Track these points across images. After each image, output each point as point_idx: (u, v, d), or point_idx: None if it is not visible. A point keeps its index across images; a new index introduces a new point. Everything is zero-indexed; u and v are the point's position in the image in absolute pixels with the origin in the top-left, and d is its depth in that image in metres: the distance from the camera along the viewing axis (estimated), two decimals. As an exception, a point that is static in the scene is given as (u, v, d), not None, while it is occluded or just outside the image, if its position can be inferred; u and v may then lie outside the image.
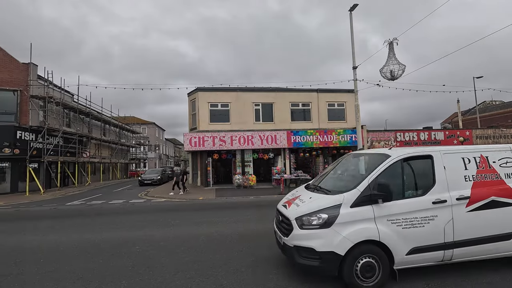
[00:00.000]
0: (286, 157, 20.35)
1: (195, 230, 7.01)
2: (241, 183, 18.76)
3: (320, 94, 22.19)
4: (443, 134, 22.02)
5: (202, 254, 5.22)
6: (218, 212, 9.71)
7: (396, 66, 12.90)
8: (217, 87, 21.20)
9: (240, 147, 19.48)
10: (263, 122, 21.40)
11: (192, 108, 21.67)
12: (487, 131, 23.06)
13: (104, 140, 28.34)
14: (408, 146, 21.29)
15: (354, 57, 16.97)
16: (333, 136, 20.45)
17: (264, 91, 21.78)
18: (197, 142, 19.01)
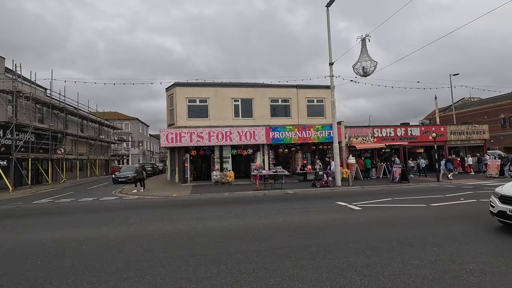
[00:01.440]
0: (265, 153, 20.33)
1: (152, 228, 6.86)
2: (218, 180, 18.62)
3: (300, 90, 22.21)
4: (419, 130, 22.51)
5: (149, 253, 5.09)
6: (185, 209, 9.56)
7: (368, 62, 13.00)
8: (195, 82, 20.89)
9: (218, 143, 19.32)
10: (242, 118, 21.26)
11: (170, 104, 21.29)
12: (460, 127, 23.74)
13: (81, 136, 27.53)
14: (385, 141, 21.69)
15: (330, 53, 17.02)
16: (312, 132, 20.56)
17: (244, 86, 21.61)
18: (174, 138, 18.72)
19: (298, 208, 8.96)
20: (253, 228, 6.58)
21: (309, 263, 4.43)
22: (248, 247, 5.28)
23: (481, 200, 9.53)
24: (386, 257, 4.58)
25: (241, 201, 11.36)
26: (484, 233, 5.72)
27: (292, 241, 5.57)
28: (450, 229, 6.10)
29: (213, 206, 10.16)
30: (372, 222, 6.93)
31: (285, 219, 7.43)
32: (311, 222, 7.08)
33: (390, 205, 9.15)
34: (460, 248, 4.91)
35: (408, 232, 5.92)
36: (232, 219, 7.57)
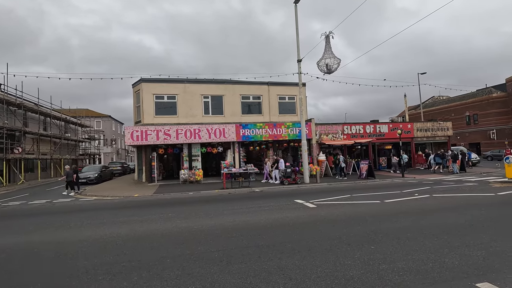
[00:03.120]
0: (236, 151, 20.04)
1: (89, 233, 6.39)
2: (187, 178, 18.13)
3: (271, 87, 22.07)
4: (387, 127, 23.05)
5: (70, 261, 4.67)
6: (137, 211, 9.09)
7: (331, 59, 13.00)
8: (163, 78, 20.16)
9: (187, 141, 18.79)
10: (213, 115, 20.83)
11: (136, 100, 20.47)
12: (426, 124, 24.57)
13: (43, 134, 25.96)
14: (354, 138, 22.03)
15: (298, 50, 16.94)
16: (283, 130, 20.48)
17: (214, 83, 21.15)
18: (139, 136, 17.98)
19: (254, 207, 8.76)
20: (197, 230, 6.28)
21: (239, 267, 4.20)
22: (183, 251, 4.98)
23: (433, 195, 9.77)
24: (320, 257, 4.44)
25: (202, 201, 11.02)
26: (425, 229, 5.75)
27: (232, 242, 5.33)
28: (395, 225, 6.11)
29: (169, 206, 9.76)
30: (321, 220, 6.84)
31: (234, 219, 7.19)
32: (261, 221, 6.88)
33: (347, 202, 9.16)
34: (397, 245, 4.86)
35: (351, 230, 5.85)
36: (179, 221, 7.23)
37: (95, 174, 19.28)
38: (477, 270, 3.84)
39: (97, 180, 19.12)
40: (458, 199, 8.90)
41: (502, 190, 10.39)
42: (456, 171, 18.86)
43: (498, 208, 7.40)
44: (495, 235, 5.22)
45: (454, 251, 4.53)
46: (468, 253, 4.42)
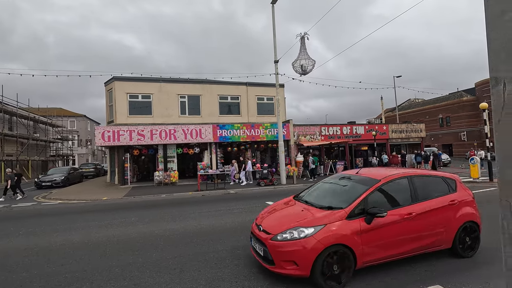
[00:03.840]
0: (213, 152, 19.70)
1: (38, 241, 5.92)
2: (161, 180, 17.60)
3: (250, 88, 21.91)
4: (364, 128, 23.49)
5: (7, 274, 4.25)
6: (99, 215, 8.61)
7: (306, 60, 13.00)
8: (137, 76, 19.51)
9: (162, 141, 18.24)
10: (189, 115, 20.39)
11: (109, 99, 19.67)
12: (401, 126, 25.27)
13: (8, 134, 24.45)
14: (332, 139, 22.27)
15: (275, 51, 16.88)
16: (261, 130, 20.35)
17: (191, 82, 20.72)
18: (111, 137, 17.25)
19: (224, 210, 8.52)
20: (157, 235, 5.97)
21: (192, 275, 3.97)
22: (136, 259, 4.68)
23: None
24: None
25: (172, 203, 10.64)
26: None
27: (191, 248, 5.08)
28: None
29: (136, 210, 9.33)
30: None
31: (199, 223, 6.93)
32: (226, 225, 6.66)
33: (317, 203, 9.10)
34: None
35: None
36: (142, 225, 6.88)
37: (61, 177, 18.25)
38: (430, 273, 3.82)
39: (63, 183, 18.11)
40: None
41: (466, 190, 10.72)
42: (427, 171, 19.47)
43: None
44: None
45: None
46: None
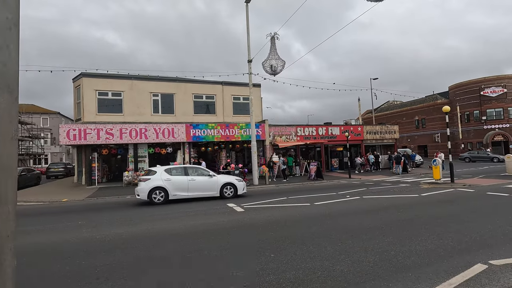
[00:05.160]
0: (186, 152, 19.31)
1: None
2: (131, 181, 17.08)
3: (225, 87, 21.67)
4: (339, 129, 23.77)
5: None
6: (49, 219, 8.16)
7: (276, 61, 12.93)
8: (107, 73, 18.83)
9: (132, 141, 17.69)
10: (162, 114, 19.92)
11: (77, 96, 18.89)
12: (375, 127, 25.77)
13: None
14: (307, 140, 22.38)
15: (249, 50, 16.71)
16: (236, 130, 20.16)
17: (164, 80, 20.24)
18: (76, 135, 16.55)
19: (180, 212, 8.28)
20: (97, 241, 5.66)
21: (113, 285, 3.72)
22: (62, 267, 4.38)
23: (363, 197, 10.02)
24: (206, 271, 4.11)
25: (133, 205, 10.27)
26: (336, 234, 5.68)
27: (127, 254, 4.82)
28: (309, 230, 5.99)
29: (89, 212, 8.92)
30: (239, 226, 6.57)
31: (151, 227, 6.67)
32: (175, 229, 6.44)
33: (278, 205, 9.03)
34: (298, 252, 4.69)
35: (263, 236, 5.62)
36: (85, 230, 6.54)
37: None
38: (361, 278, 3.76)
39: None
40: (383, 201, 9.18)
41: (426, 191, 10.98)
42: (398, 172, 19.92)
43: (413, 210, 7.68)
44: (396, 238, 5.29)
45: (350, 257, 4.46)
46: (362, 259, 4.36)
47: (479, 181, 13.33)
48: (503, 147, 36.46)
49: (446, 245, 4.85)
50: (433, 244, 4.92)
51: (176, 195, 10.28)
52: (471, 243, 4.89)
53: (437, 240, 5.09)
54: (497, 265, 3.96)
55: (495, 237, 5.21)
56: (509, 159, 16.21)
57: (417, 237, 5.29)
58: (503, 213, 7.02)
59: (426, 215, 6.98)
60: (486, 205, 8.02)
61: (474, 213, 7.11)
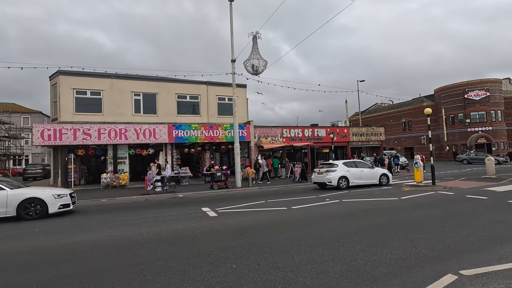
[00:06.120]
0: (168, 153, 18.80)
1: None
2: (109, 183, 16.45)
3: (210, 87, 21.26)
4: (325, 131, 23.66)
5: None
6: (4, 226, 7.59)
7: (257, 60, 12.64)
8: (85, 71, 18.15)
9: (111, 141, 17.08)
10: (144, 114, 19.35)
11: (54, 95, 18.14)
12: (361, 129, 25.80)
13: None
14: (293, 142, 22.18)
15: (233, 50, 16.36)
16: (220, 131, 19.76)
17: (146, 80, 19.68)
18: (51, 136, 15.85)
19: (150, 217, 7.85)
20: (45, 249, 5.20)
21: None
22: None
23: (343, 200, 9.80)
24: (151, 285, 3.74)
25: (104, 210, 9.76)
26: (308, 240, 5.39)
27: (70, 266, 4.39)
28: (280, 236, 5.67)
29: (55, 218, 8.38)
30: (206, 233, 6.19)
31: (111, 234, 6.23)
32: (138, 236, 6.02)
33: (255, 209, 8.69)
34: (262, 262, 4.37)
35: (229, 244, 5.28)
36: (40, 237, 6.05)
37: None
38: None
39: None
40: (363, 204, 8.97)
41: (407, 194, 10.85)
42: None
43: (390, 214, 7.47)
44: (368, 245, 5.03)
45: (316, 267, 4.15)
46: (328, 269, 4.06)
47: (460, 184, 13.33)
48: (486, 150, 37.19)
49: (418, 253, 4.62)
50: (405, 252, 4.67)
51: (354, 182, 13.40)
52: (444, 251, 4.67)
53: (410, 248, 4.85)
54: (467, 276, 3.73)
55: (469, 243, 5.01)
56: (489, 162, 16.35)
57: (390, 244, 5.05)
58: (480, 217, 6.88)
59: (403, 220, 6.78)
60: (464, 209, 7.89)
61: (452, 217, 6.94)
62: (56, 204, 8.49)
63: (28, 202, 8.18)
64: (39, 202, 8.30)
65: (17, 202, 8.03)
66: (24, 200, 8.11)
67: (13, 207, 7.99)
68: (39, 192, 8.53)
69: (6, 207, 7.90)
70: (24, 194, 8.23)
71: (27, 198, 8.17)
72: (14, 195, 8.09)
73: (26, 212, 8.11)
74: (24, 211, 8.07)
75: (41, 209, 8.26)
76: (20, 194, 8.19)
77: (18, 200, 8.05)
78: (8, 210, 7.94)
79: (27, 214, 8.10)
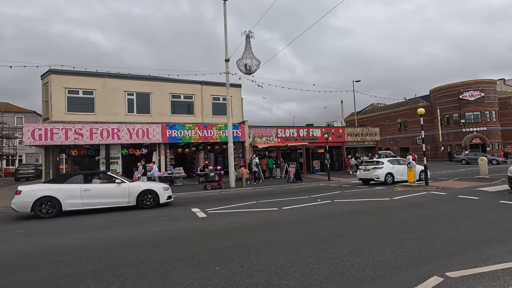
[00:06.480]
0: (162, 153, 18.64)
1: None
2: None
3: (204, 87, 21.12)
4: (320, 131, 23.62)
5: None
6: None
7: (250, 60, 12.55)
8: (77, 70, 17.91)
9: (103, 141, 16.88)
10: (138, 114, 19.16)
11: (45, 94, 17.90)
12: (356, 129, 25.80)
13: None
14: (288, 142, 22.12)
15: (226, 49, 16.25)
16: (214, 131, 19.64)
17: (140, 79, 19.50)
18: (42, 135, 15.62)
19: (134, 219, 7.74)
20: (23, 252, 5.07)
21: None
22: None
23: (334, 201, 9.73)
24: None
25: (90, 211, 9.60)
26: (294, 242, 5.30)
27: (24, 275, 4.27)
28: (268, 238, 5.58)
29: (31, 221, 8.23)
30: (191, 235, 6.09)
31: (94, 236, 6.10)
32: (120, 238, 5.90)
33: (245, 210, 8.60)
34: (246, 264, 4.27)
35: (216, 246, 5.18)
36: (21, 239, 5.92)
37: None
38: None
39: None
40: (353, 205, 8.91)
41: (399, 194, 10.82)
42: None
43: (381, 215, 7.41)
44: (356, 247, 4.95)
45: (301, 269, 4.06)
46: (313, 272, 3.97)
47: (453, 184, 13.34)
48: (480, 150, 37.38)
49: (406, 254, 4.55)
50: (392, 253, 4.60)
51: (398, 178, 14.07)
52: (431, 252, 4.61)
53: (398, 249, 4.79)
54: (453, 278, 3.67)
55: (457, 244, 4.96)
56: (482, 162, 16.39)
57: (378, 246, 4.98)
58: (470, 218, 6.84)
59: (393, 221, 6.72)
60: (455, 209, 7.86)
61: (442, 218, 6.90)
62: (164, 195, 9.80)
63: (145, 193, 9.47)
64: (153, 194, 9.58)
65: (137, 193, 9.36)
66: (141, 192, 9.42)
67: (134, 198, 9.34)
68: (152, 185, 9.98)
69: (128, 197, 9.27)
70: (141, 187, 9.62)
71: (143, 190, 9.50)
72: (134, 187, 9.46)
73: (144, 202, 9.41)
74: (142, 201, 9.38)
75: (154, 199, 9.54)
76: (138, 186, 9.59)
77: (137, 192, 9.38)
78: (130, 200, 9.29)
79: (145, 204, 9.42)
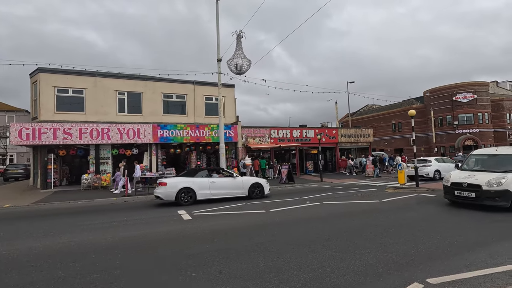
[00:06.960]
0: (153, 153, 18.42)
1: None
2: (90, 184, 16.01)
3: (197, 87, 20.93)
4: (314, 132, 23.57)
5: None
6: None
7: (241, 60, 12.42)
8: (67, 69, 17.65)
9: (93, 141, 16.64)
10: (129, 113, 18.90)
11: (34, 93, 17.59)
12: (350, 130, 25.80)
13: None
14: (281, 142, 22.01)
15: (218, 49, 16.08)
16: (206, 132, 19.47)
17: (131, 78, 19.25)
18: (30, 135, 15.33)
19: (120, 221, 7.55)
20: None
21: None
22: None
23: (324, 203, 9.64)
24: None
25: (78, 212, 9.40)
26: (277, 246, 5.18)
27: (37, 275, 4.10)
28: (250, 241, 5.45)
29: (20, 221, 8.03)
30: (173, 239, 5.93)
31: (72, 239, 5.92)
32: (102, 242, 5.72)
33: (231, 212, 8.47)
34: (225, 268, 4.15)
35: (198, 250, 5.04)
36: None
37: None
38: None
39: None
40: (341, 207, 8.82)
41: (389, 196, 10.77)
42: (376, 174, 19.94)
43: (368, 217, 7.32)
44: (339, 251, 4.84)
45: (280, 275, 3.94)
46: (292, 278, 3.85)
47: (444, 186, 13.33)
48: (473, 151, 37.70)
49: (389, 259, 4.45)
50: (375, 258, 4.50)
51: (443, 175, 13.28)
52: (414, 257, 4.52)
53: (381, 254, 4.69)
54: (433, 284, 3.57)
55: (440, 249, 4.88)
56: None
57: (361, 250, 4.88)
58: (457, 221, 6.79)
59: (379, 224, 6.63)
60: (442, 212, 7.81)
61: (428, 221, 6.84)
62: (267, 188, 11.55)
63: (254, 186, 11.12)
64: (260, 187, 11.30)
65: (248, 186, 11.01)
66: (251, 185, 11.07)
67: (246, 189, 10.96)
68: (258, 179, 11.80)
69: (242, 189, 10.88)
70: (250, 181, 11.34)
71: (253, 183, 11.19)
72: (245, 181, 11.15)
73: (254, 192, 11.08)
74: (252, 192, 11.04)
75: (261, 191, 11.27)
76: (248, 180, 11.30)
77: (248, 184, 11.06)
78: (243, 191, 10.89)
79: (255, 194, 11.09)
